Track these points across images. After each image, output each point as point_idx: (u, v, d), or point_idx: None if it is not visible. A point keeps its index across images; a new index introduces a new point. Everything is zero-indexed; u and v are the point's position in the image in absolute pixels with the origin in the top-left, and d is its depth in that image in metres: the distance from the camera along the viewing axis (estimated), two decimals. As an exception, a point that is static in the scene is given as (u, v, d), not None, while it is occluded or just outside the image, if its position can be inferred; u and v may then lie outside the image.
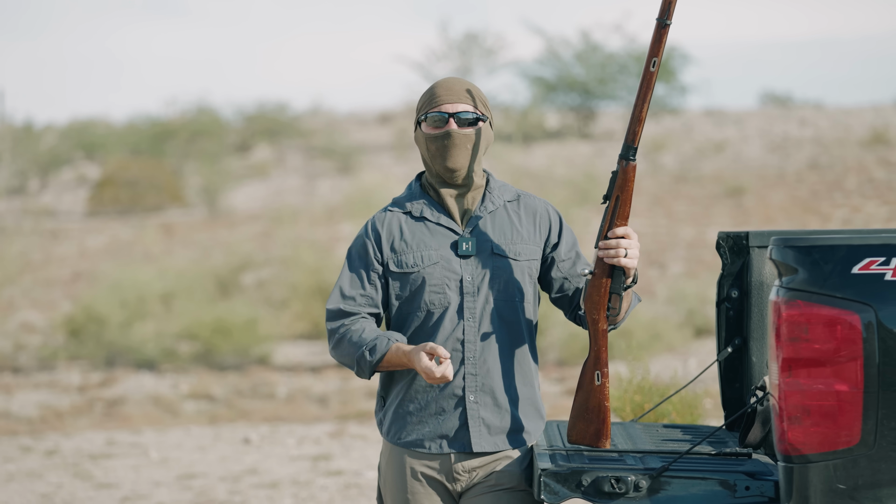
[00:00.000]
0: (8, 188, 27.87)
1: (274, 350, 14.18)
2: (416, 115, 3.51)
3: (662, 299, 15.42)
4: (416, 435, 3.45)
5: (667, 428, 3.97)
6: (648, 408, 6.00)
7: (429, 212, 3.48)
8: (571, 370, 12.86)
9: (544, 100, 31.34)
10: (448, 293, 3.43)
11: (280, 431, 10.33)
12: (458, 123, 3.45)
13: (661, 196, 22.30)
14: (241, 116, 33.51)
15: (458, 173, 3.45)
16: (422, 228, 3.47)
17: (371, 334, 3.42)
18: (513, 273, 3.45)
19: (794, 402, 3.01)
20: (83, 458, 9.32)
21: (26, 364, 14.26)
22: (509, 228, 3.47)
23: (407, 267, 3.45)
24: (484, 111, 3.49)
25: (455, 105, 3.45)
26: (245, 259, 17.48)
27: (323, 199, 24.87)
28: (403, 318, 3.48)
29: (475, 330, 3.42)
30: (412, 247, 3.45)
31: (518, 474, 3.45)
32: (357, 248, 3.50)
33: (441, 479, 3.47)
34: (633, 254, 3.33)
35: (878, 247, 3.01)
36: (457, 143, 3.44)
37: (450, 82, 3.49)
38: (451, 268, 3.44)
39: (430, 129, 3.46)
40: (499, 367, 3.43)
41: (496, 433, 3.43)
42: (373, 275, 3.48)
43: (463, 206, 3.48)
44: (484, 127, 3.48)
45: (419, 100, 3.50)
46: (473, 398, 3.42)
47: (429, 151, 3.46)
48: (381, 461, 3.55)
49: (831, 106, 33.71)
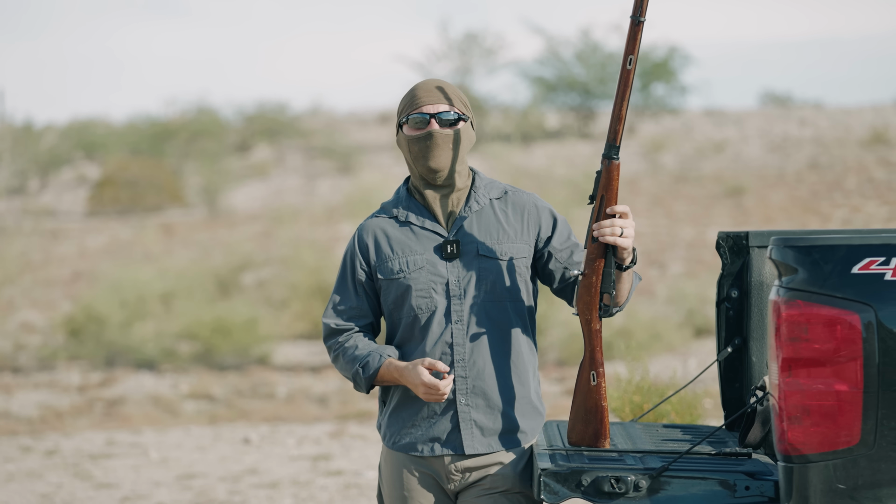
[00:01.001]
0: (8, 188, 27.86)
1: (274, 350, 14.18)
2: (397, 119, 3.52)
3: (662, 299, 15.41)
4: (410, 438, 3.47)
5: (666, 428, 3.97)
6: (648, 408, 6.00)
7: (414, 216, 3.49)
8: (571, 370, 12.86)
9: (544, 100, 31.33)
10: (434, 297, 3.43)
11: (280, 431, 10.33)
12: (439, 124, 3.46)
13: (661, 196, 22.30)
14: (241, 116, 33.51)
15: (440, 174, 3.46)
16: (407, 233, 3.48)
17: (364, 350, 3.47)
18: (501, 273, 3.45)
19: (793, 402, 3.01)
20: (83, 458, 9.32)
21: (26, 364, 14.26)
22: (495, 228, 3.48)
23: (393, 273, 3.47)
24: (464, 111, 3.50)
25: (436, 106, 3.46)
26: (245, 259, 17.48)
27: (323, 199, 24.87)
28: (394, 323, 3.50)
29: (463, 332, 3.43)
30: (397, 252, 3.47)
31: (513, 476, 3.45)
32: (345, 260, 3.54)
33: (436, 480, 3.48)
34: (628, 233, 3.33)
35: (878, 247, 3.01)
36: (438, 144, 3.44)
37: (430, 84, 3.50)
38: (437, 271, 3.44)
39: (411, 131, 3.47)
40: (490, 368, 3.43)
41: (489, 434, 3.44)
42: (360, 286, 3.51)
43: (448, 207, 3.49)
44: (465, 127, 3.49)
45: (400, 103, 3.52)
46: (465, 401, 3.43)
47: (411, 153, 3.48)
48: (381, 461, 3.57)
49: (831, 106, 33.71)
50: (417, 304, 3.44)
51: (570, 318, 13.70)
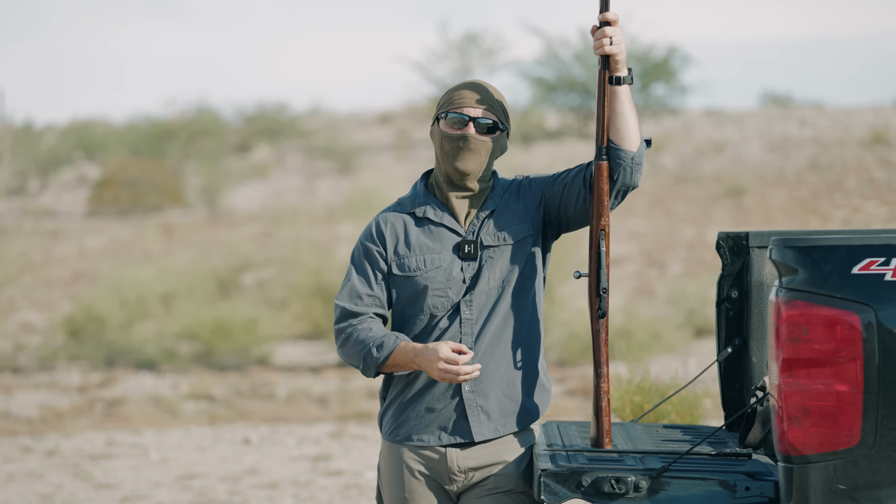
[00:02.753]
0: (8, 188, 27.85)
1: (274, 350, 14.18)
2: (436, 110, 3.51)
3: (662, 299, 15.42)
4: (414, 430, 3.45)
5: (667, 428, 3.97)
6: (648, 408, 5.99)
7: (432, 213, 3.48)
8: (571, 370, 12.86)
9: (544, 100, 31.31)
10: (450, 296, 3.44)
11: (280, 432, 10.33)
12: (476, 129, 3.45)
13: (661, 196, 22.30)
14: (241, 116, 33.49)
15: (467, 177, 3.46)
16: (425, 231, 3.47)
17: (379, 332, 3.44)
18: (509, 258, 3.45)
19: (794, 403, 3.01)
20: (83, 459, 9.32)
21: (26, 364, 14.26)
22: (503, 218, 3.48)
23: (409, 271, 3.46)
24: (504, 121, 3.49)
25: (477, 110, 3.45)
26: (245, 259, 17.48)
27: (323, 199, 24.86)
28: (405, 319, 3.49)
29: (471, 323, 3.43)
30: (415, 250, 3.46)
31: (516, 476, 3.45)
32: (363, 248, 3.50)
33: (437, 482, 3.47)
34: (617, 40, 3.33)
35: (878, 247, 3.00)
36: (472, 148, 3.44)
37: (475, 86, 3.48)
38: (454, 271, 3.44)
39: (447, 128, 3.47)
40: (496, 353, 3.44)
41: (496, 419, 3.44)
42: (379, 275, 3.48)
43: (467, 207, 3.49)
44: (500, 136, 3.49)
45: (443, 95, 3.51)
46: (469, 388, 3.43)
47: (442, 149, 3.47)
48: (381, 461, 3.55)
49: (831, 106, 33.68)
50: (433, 302, 3.43)
51: (570, 318, 13.70)
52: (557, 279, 13.66)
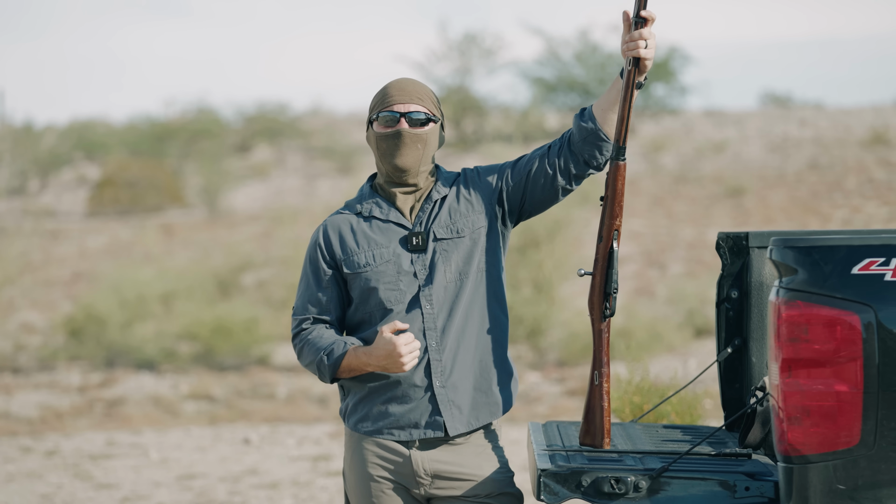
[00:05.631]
0: (8, 188, 27.86)
1: (274, 350, 14.18)
2: (368, 115, 3.53)
3: (662, 299, 15.41)
4: (383, 423, 3.46)
5: (666, 428, 3.98)
6: (648, 408, 5.99)
7: (378, 210, 3.51)
8: (571, 370, 12.86)
9: (544, 100, 31.31)
10: (402, 288, 3.45)
11: (280, 432, 10.33)
12: (408, 123, 3.47)
13: (661, 196, 22.30)
14: (242, 117, 33.49)
15: (407, 173, 3.48)
16: (372, 228, 3.50)
17: (328, 339, 3.46)
18: (463, 250, 3.47)
19: (793, 403, 3.01)
20: (83, 459, 9.32)
21: (26, 364, 14.26)
22: (454, 210, 3.50)
23: (359, 267, 3.48)
24: (435, 112, 3.51)
25: (407, 105, 3.47)
26: (245, 259, 17.47)
27: (323, 199, 24.86)
28: (362, 316, 3.50)
29: (433, 317, 3.44)
30: (363, 247, 3.48)
31: (492, 481, 3.46)
32: (309, 256, 3.54)
33: (404, 484, 3.47)
34: (651, 44, 3.34)
35: (878, 247, 3.00)
36: (407, 143, 3.46)
37: (402, 83, 3.51)
38: (403, 263, 3.46)
39: (381, 129, 3.49)
40: (462, 347, 3.45)
41: (467, 412, 3.45)
42: (325, 280, 3.51)
43: (412, 202, 3.51)
44: (434, 128, 3.51)
45: (372, 100, 3.53)
46: (440, 383, 3.43)
47: (379, 150, 3.49)
48: (345, 466, 3.54)
49: (831, 106, 33.70)
50: (386, 296, 3.45)
51: (570, 318, 13.70)
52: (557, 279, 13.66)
